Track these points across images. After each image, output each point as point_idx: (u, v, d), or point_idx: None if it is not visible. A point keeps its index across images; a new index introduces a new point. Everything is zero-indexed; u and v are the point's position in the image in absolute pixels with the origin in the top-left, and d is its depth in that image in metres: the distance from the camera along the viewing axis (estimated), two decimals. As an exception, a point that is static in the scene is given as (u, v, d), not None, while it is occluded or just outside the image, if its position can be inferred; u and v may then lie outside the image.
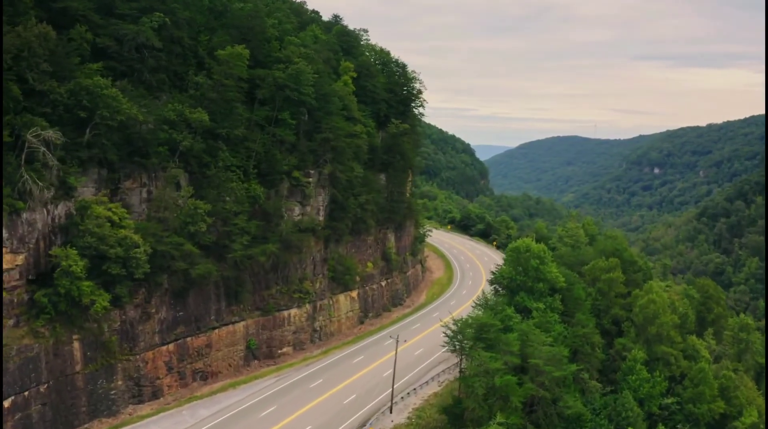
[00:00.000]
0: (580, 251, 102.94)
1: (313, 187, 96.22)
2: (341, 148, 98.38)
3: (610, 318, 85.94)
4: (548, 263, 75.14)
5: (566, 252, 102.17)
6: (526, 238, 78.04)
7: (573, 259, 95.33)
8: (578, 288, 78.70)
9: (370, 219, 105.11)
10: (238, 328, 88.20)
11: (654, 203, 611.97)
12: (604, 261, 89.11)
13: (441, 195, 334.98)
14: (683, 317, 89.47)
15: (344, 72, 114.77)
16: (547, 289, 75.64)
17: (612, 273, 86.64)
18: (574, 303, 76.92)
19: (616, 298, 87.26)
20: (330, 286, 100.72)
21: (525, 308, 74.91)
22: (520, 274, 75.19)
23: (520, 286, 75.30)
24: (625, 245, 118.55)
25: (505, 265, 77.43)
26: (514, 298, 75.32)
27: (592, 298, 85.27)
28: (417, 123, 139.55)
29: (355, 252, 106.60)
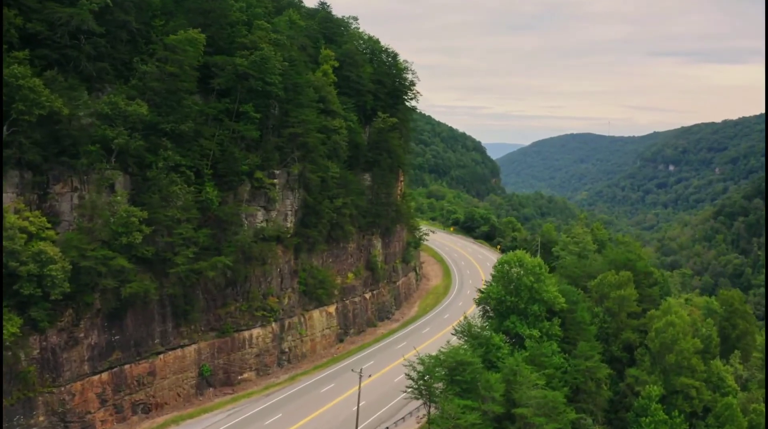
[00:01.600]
0: (586, 262, 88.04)
1: (279, 190, 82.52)
2: (312, 144, 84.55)
3: (621, 343, 71.25)
4: (545, 281, 60.75)
5: (570, 263, 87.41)
6: (518, 251, 63.72)
7: (578, 271, 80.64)
8: (582, 310, 64.08)
9: (349, 224, 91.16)
10: (189, 352, 74.91)
11: (669, 201, 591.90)
12: (614, 275, 74.46)
13: (449, 194, 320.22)
14: (707, 340, 74.54)
15: (324, 61, 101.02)
16: (544, 311, 61.25)
17: (623, 289, 71.96)
18: (576, 328, 62.47)
19: (627, 318, 72.54)
20: (301, 302, 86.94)
21: (517, 335, 60.77)
22: (510, 293, 60.88)
23: (511, 308, 61.01)
24: (639, 252, 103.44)
25: (494, 281, 63.20)
26: (504, 323, 61.09)
27: (600, 319, 70.69)
28: (409, 117, 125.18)
29: (333, 262, 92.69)
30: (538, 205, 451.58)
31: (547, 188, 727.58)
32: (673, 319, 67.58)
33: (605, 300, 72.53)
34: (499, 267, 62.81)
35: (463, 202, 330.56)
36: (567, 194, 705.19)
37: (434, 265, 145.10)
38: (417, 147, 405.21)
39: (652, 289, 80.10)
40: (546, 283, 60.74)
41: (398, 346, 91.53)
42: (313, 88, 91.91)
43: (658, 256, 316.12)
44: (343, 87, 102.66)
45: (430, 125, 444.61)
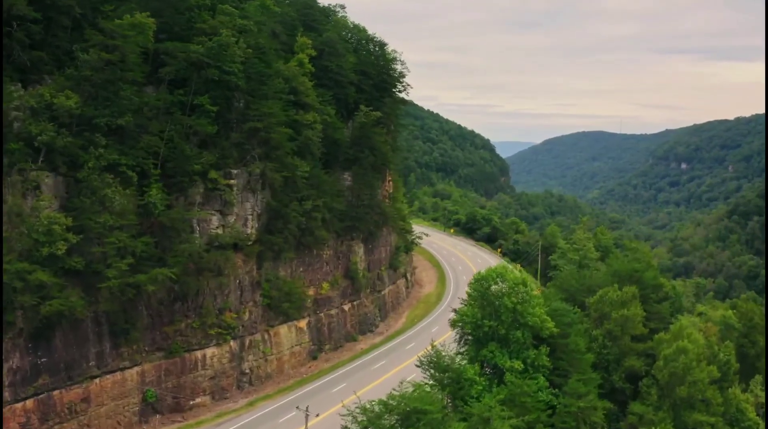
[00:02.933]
0: (586, 273, 76.23)
1: (237, 191, 71.94)
2: (276, 140, 73.86)
3: (623, 372, 59.59)
4: (531, 302, 49.51)
5: (568, 274, 75.62)
6: (498, 266, 52.51)
7: (576, 284, 68.96)
8: (576, 333, 52.77)
9: (322, 229, 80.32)
10: (130, 375, 64.67)
11: (681, 200, 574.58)
12: (617, 291, 62.89)
13: (456, 193, 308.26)
14: (725, 366, 62.92)
15: (300, 50, 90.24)
16: (530, 338, 50.13)
17: (627, 308, 60.36)
18: (569, 357, 51.25)
19: (632, 342, 60.98)
20: (265, 317, 76.29)
21: (496, 366, 49.72)
22: (489, 316, 49.76)
23: (490, 334, 49.95)
24: (648, 258, 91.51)
25: (470, 302, 52.06)
26: (481, 352, 50.06)
27: (599, 344, 59.24)
28: (399, 112, 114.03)
29: (304, 271, 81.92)
30: (548, 204, 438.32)
31: (559, 187, 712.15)
32: (685, 345, 56.05)
33: (606, 321, 60.98)
34: (476, 284, 51.60)
35: (470, 201, 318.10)
36: (578, 193, 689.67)
37: (429, 270, 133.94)
38: (424, 145, 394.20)
39: (661, 306, 68.29)
40: (532, 304, 49.43)
41: (376, 365, 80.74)
42: (282, 78, 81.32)
43: (671, 256, 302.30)
44: (321, 78, 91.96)
45: (438, 123, 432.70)
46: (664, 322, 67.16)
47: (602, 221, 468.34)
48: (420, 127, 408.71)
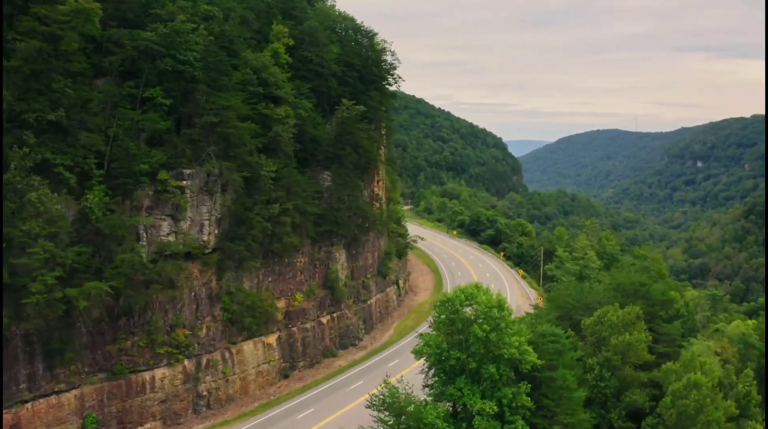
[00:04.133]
0: (586, 286, 65.81)
1: (191, 194, 63.15)
2: (235, 136, 64.94)
3: (623, 409, 49.54)
4: (507, 330, 39.94)
5: (565, 288, 65.24)
6: (469, 285, 43.03)
7: (572, 300, 58.93)
8: (565, 366, 42.98)
9: (291, 235, 71.26)
10: (67, 399, 56.16)
11: (697, 199, 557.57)
12: (618, 311, 52.77)
13: (465, 192, 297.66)
14: (744, 399, 52.74)
15: (276, 38, 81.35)
16: (508, 373, 40.70)
17: (630, 332, 50.26)
18: (555, 395, 41.73)
19: (634, 372, 50.97)
20: (226, 333, 67.41)
21: (465, 408, 40.33)
22: (456, 347, 40.33)
23: (458, 367, 40.59)
24: (660, 268, 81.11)
25: (436, 326, 42.56)
26: (447, 390, 40.68)
27: (594, 375, 49.32)
28: (389, 106, 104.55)
29: (274, 281, 72.91)
30: (561, 203, 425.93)
31: (573, 185, 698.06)
32: (698, 379, 46.05)
33: (604, 347, 51.04)
34: (441, 308, 42.17)
35: (480, 200, 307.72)
36: (593, 192, 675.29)
37: (426, 275, 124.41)
38: (435, 144, 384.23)
39: (671, 326, 57.97)
40: (509, 332, 39.89)
41: (352, 386, 71.54)
42: (250, 68, 72.49)
43: (686, 258, 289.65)
44: (299, 70, 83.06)
45: (449, 121, 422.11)
46: (674, 345, 57.14)
47: (616, 221, 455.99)
48: (430, 126, 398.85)
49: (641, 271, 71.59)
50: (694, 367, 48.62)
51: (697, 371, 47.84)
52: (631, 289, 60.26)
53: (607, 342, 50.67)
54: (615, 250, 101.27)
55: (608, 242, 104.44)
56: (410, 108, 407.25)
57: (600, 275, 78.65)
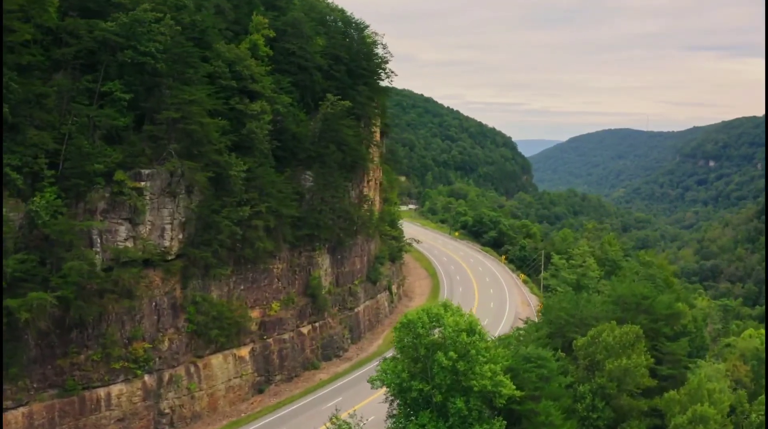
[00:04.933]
0: (582, 298, 58.43)
1: (150, 196, 57.23)
2: (199, 133, 58.87)
3: (621, 443, 43.11)
4: (478, 357, 33.41)
5: (559, 300, 58.04)
6: (434, 305, 36.50)
7: (566, 314, 51.93)
8: (548, 397, 36.39)
9: (265, 240, 65.10)
10: (14, 417, 50.67)
11: (709, 198, 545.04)
12: (614, 329, 45.82)
13: (472, 192, 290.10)
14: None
15: (255, 30, 75.29)
16: (480, 407, 34.18)
17: (627, 356, 43.34)
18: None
19: (633, 400, 44.06)
20: (192, 345, 61.44)
21: (433, 448, 33.95)
22: (419, 377, 33.90)
23: (422, 400, 34.16)
24: (667, 275, 73.98)
25: (397, 352, 36.15)
26: (408, 426, 34.25)
27: (586, 405, 42.51)
28: (381, 102, 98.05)
29: (246, 289, 66.80)
30: (571, 203, 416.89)
31: (584, 185, 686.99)
32: (705, 411, 39.22)
33: (598, 371, 44.31)
34: (401, 330, 35.75)
35: (488, 200, 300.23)
36: (604, 191, 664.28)
37: (423, 280, 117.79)
38: (443, 143, 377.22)
39: (677, 344, 50.76)
40: (480, 359, 33.40)
41: (330, 402, 65.08)
42: (223, 61, 66.47)
43: (697, 259, 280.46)
44: (281, 63, 76.90)
45: (458, 120, 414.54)
46: (680, 366, 50.19)
47: (627, 221, 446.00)
48: (439, 125, 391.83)
49: (646, 280, 64.75)
50: (701, 397, 41.79)
51: (704, 402, 41.06)
52: (632, 303, 53.41)
53: (602, 366, 43.92)
54: (618, 256, 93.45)
55: (610, 247, 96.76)
56: (418, 107, 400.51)
57: (600, 285, 71.62)
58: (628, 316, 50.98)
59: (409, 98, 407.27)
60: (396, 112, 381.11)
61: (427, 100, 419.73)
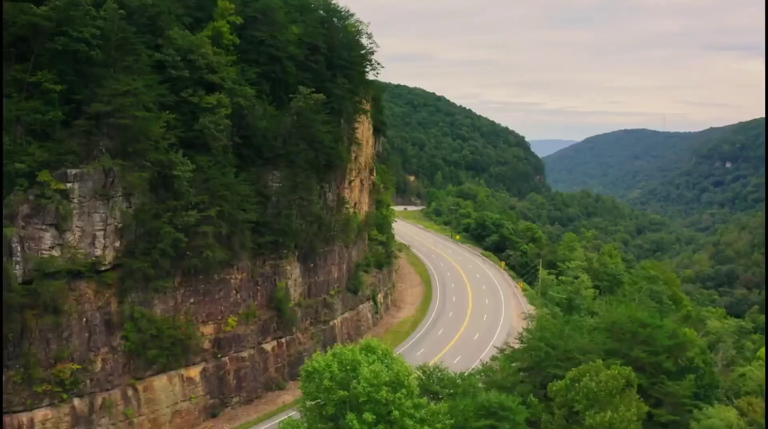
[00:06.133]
0: (569, 324, 49.06)
1: (80, 199, 49.64)
2: (136, 128, 51.08)
3: None
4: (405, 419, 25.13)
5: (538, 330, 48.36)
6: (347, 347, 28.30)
7: (546, 346, 42.85)
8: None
9: (217, 248, 57.14)
10: None
11: (726, 200, 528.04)
12: (600, 370, 37.04)
13: (482, 193, 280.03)
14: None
15: (220, 16, 67.40)
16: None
17: (614, 408, 34.26)
18: None
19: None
20: (130, 366, 53.73)
21: None
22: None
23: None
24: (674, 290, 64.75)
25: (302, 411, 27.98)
26: None
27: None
28: (367, 97, 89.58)
29: (197, 303, 58.87)
30: (584, 204, 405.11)
31: (600, 186, 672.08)
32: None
33: (577, 426, 35.42)
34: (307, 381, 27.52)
35: (498, 201, 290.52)
36: (620, 192, 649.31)
37: (416, 287, 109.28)
38: (454, 142, 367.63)
39: (680, 385, 41.55)
40: (407, 423, 25.08)
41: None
42: (174, 49, 58.67)
43: (713, 264, 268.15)
44: (249, 52, 68.98)
45: (470, 119, 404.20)
46: (683, 410, 41.02)
47: (642, 223, 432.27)
48: (450, 124, 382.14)
49: (649, 298, 55.71)
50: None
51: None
52: (628, 331, 44.57)
53: (582, 420, 35.20)
54: (618, 270, 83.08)
55: (610, 259, 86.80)
56: (430, 106, 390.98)
57: (595, 304, 62.19)
58: (623, 348, 42.31)
59: (421, 97, 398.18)
60: (407, 110, 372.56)
61: (438, 99, 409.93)
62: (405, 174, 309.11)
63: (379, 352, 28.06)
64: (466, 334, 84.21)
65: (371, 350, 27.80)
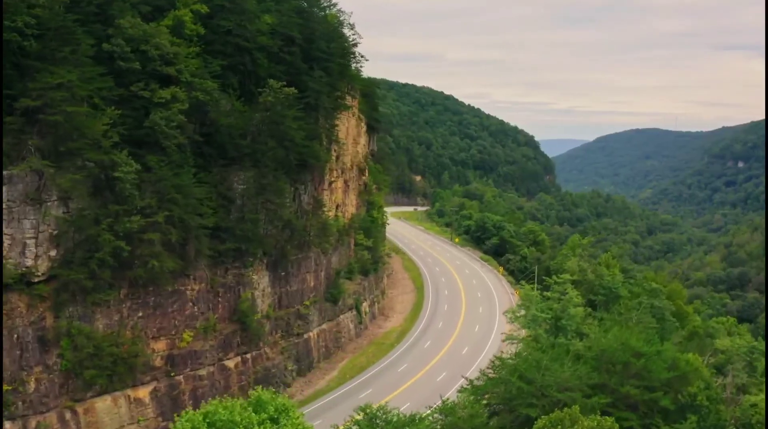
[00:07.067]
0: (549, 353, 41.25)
1: (8, 205, 43.89)
2: (67, 126, 45.21)
3: None
4: None
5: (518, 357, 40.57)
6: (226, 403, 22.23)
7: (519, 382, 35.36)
8: None
9: (167, 256, 51.16)
10: None
11: (738, 200, 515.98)
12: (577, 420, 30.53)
13: (489, 193, 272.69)
14: None
15: (183, 5, 61.47)
16: None
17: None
18: None
19: None
20: (68, 387, 47.97)
21: None
22: None
23: None
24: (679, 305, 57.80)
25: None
26: None
27: None
28: (348, 92, 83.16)
29: (146, 317, 52.92)
30: (594, 204, 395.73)
31: (611, 186, 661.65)
32: None
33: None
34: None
35: (506, 201, 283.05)
36: (631, 192, 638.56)
37: (408, 294, 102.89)
38: (462, 142, 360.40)
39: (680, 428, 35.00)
40: None
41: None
42: (124, 38, 52.74)
43: (724, 266, 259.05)
44: (214, 43, 62.95)
45: (478, 119, 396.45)
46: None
47: (653, 223, 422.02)
48: (458, 123, 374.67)
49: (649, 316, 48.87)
50: None
51: None
52: (619, 361, 37.96)
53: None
54: (615, 283, 75.19)
55: (607, 270, 78.90)
56: (437, 104, 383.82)
57: (586, 325, 54.70)
58: (612, 382, 35.78)
59: (428, 95, 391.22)
60: (414, 109, 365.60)
61: (447, 98, 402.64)
62: (411, 174, 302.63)
63: (271, 410, 21.89)
64: (455, 347, 77.79)
65: (262, 407, 21.65)
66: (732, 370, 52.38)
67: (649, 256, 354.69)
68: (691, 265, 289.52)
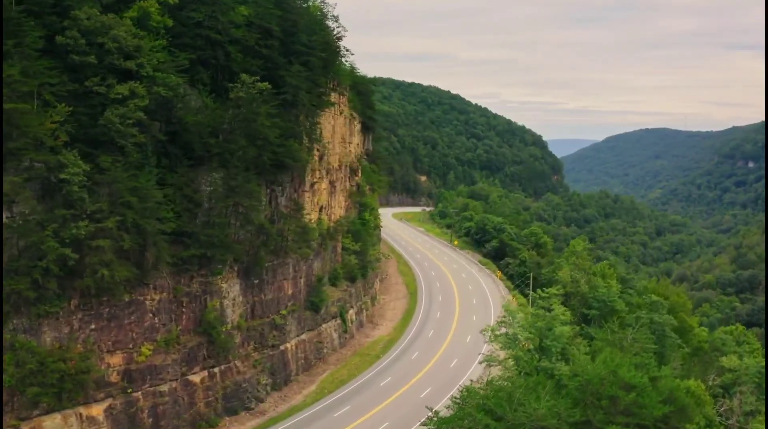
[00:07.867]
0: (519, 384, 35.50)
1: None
2: (11, 124, 40.95)
3: None
4: None
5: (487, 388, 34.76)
6: None
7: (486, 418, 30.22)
8: None
9: (116, 265, 46.76)
10: None
11: (748, 200, 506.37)
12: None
13: (494, 193, 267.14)
14: None
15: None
16: None
17: None
18: None
19: None
20: (14, 404, 43.74)
21: None
22: None
23: None
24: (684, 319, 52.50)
25: None
26: None
27: None
28: (335, 88, 78.48)
29: (100, 329, 48.59)
30: (602, 205, 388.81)
31: (621, 186, 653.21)
32: None
33: None
34: None
35: (512, 202, 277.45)
36: (641, 192, 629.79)
37: (400, 299, 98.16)
38: (468, 141, 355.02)
39: None
40: None
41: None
42: (79, 30, 48.48)
43: (734, 268, 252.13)
44: (183, 36, 58.59)
45: (485, 118, 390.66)
46: None
47: (662, 224, 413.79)
48: (464, 122, 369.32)
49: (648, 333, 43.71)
50: None
51: None
52: (605, 395, 32.94)
53: None
54: (612, 295, 69.31)
55: (603, 281, 73.17)
56: (444, 104, 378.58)
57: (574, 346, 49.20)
58: (596, 419, 30.83)
59: (434, 95, 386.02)
60: (419, 109, 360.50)
61: (453, 97, 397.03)
62: (416, 174, 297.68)
63: None
64: (444, 358, 73.04)
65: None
66: (739, 393, 47.24)
67: (657, 257, 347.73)
68: (700, 267, 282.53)
